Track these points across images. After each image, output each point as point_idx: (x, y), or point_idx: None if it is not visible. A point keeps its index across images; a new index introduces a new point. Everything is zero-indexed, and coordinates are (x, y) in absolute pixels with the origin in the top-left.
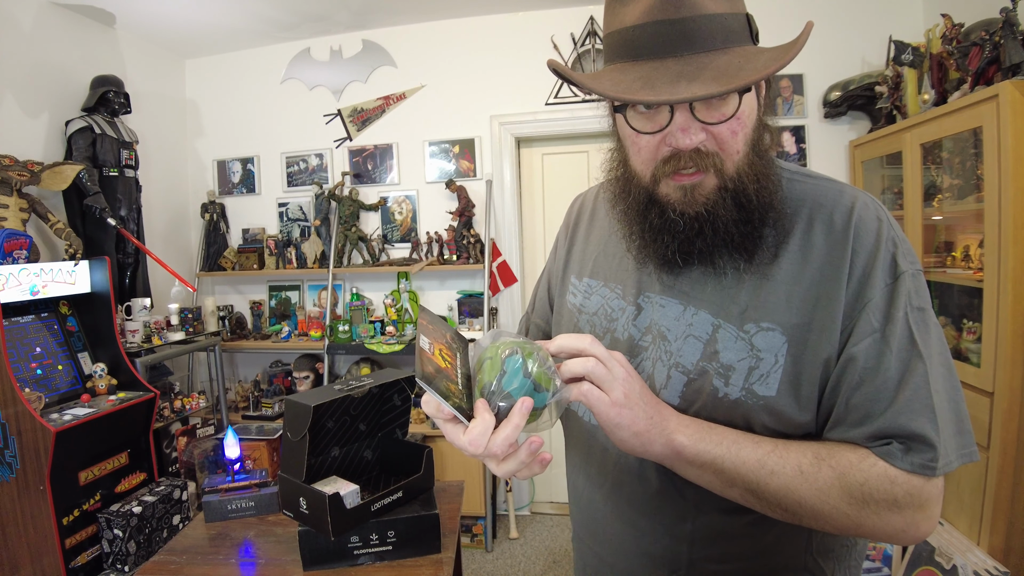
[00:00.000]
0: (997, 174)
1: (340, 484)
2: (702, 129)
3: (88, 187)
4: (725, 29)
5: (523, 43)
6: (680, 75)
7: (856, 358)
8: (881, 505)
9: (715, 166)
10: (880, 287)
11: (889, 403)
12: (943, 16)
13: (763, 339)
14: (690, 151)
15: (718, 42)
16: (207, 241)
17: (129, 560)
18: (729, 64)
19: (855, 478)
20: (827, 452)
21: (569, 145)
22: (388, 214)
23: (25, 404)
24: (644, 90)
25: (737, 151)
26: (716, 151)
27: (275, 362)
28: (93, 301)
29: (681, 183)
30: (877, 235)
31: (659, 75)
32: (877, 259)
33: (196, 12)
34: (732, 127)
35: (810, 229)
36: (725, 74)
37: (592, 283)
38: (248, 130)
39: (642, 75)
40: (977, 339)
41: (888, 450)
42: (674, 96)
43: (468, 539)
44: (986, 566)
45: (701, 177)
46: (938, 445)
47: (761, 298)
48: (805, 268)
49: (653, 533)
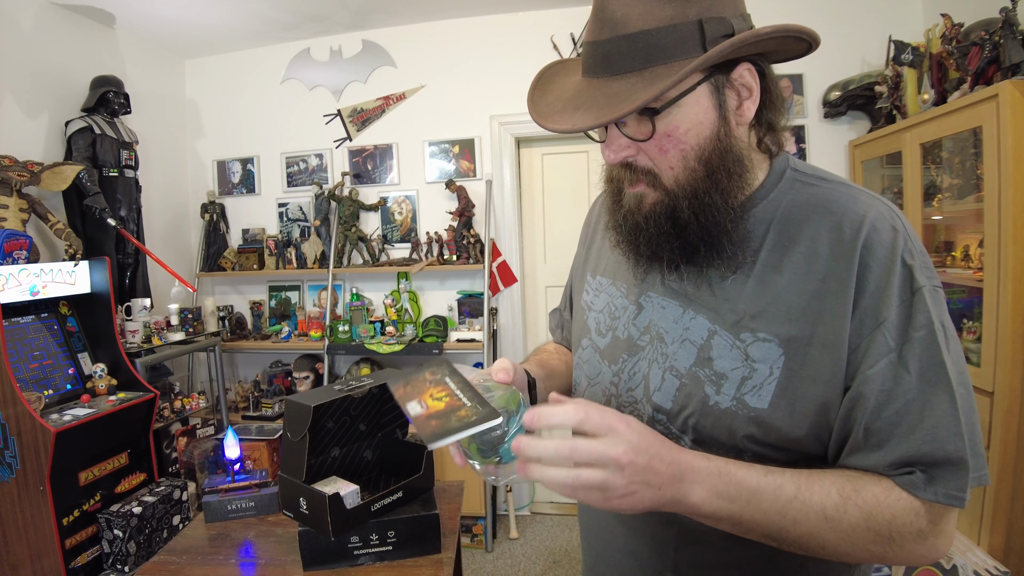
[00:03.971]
0: (997, 174)
1: (340, 484)
2: (629, 145)
3: (88, 187)
4: (647, 47)
5: (523, 43)
6: (583, 102)
7: (872, 380)
8: (907, 539)
9: (648, 181)
10: (895, 304)
11: (912, 429)
12: (943, 16)
13: (759, 349)
14: (619, 164)
15: (636, 62)
16: (207, 241)
17: (129, 560)
18: (627, 91)
19: (882, 516)
20: (852, 489)
21: (569, 145)
22: (388, 214)
23: (25, 404)
24: (555, 114)
25: (670, 167)
26: (648, 166)
27: (275, 362)
28: (93, 301)
29: (632, 191)
30: (892, 248)
31: (577, 98)
32: (892, 274)
33: (196, 12)
34: (660, 144)
35: (817, 238)
36: (611, 103)
37: (602, 281)
38: (248, 130)
39: (571, 95)
40: (977, 339)
41: (912, 480)
42: (553, 125)
43: (468, 539)
44: (986, 566)
45: (642, 188)
46: (969, 472)
47: (760, 307)
48: (808, 279)
49: (641, 534)
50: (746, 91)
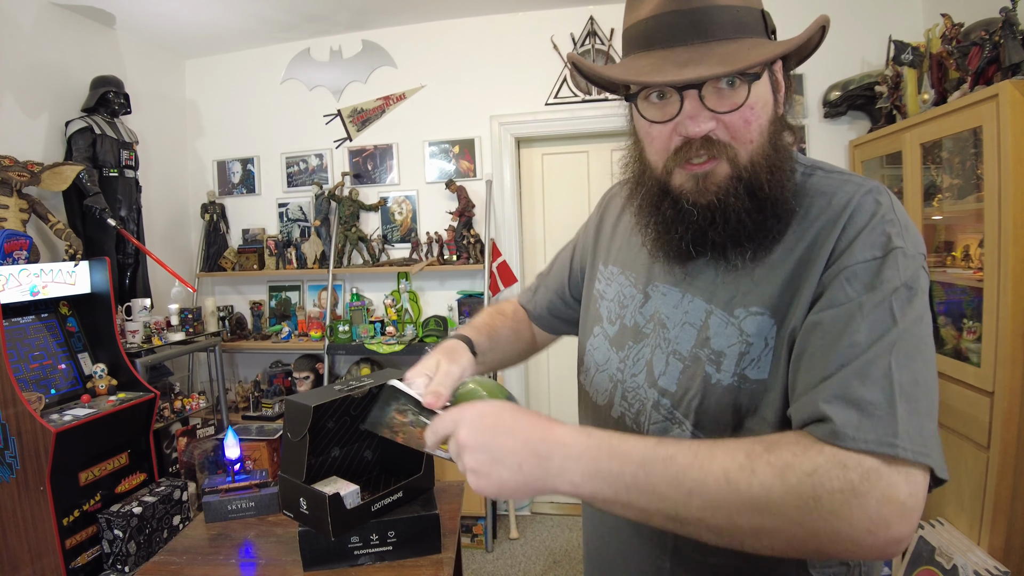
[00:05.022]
0: (997, 174)
1: (340, 484)
2: (712, 118)
3: (88, 187)
4: (736, 20)
5: (523, 43)
6: (688, 60)
7: (822, 323)
8: (836, 499)
9: (727, 155)
10: (865, 257)
11: (842, 366)
12: (943, 16)
13: (752, 323)
14: (700, 139)
15: (729, 32)
16: (207, 241)
17: (129, 561)
18: (737, 50)
19: (801, 468)
20: (763, 448)
21: (569, 145)
22: (388, 214)
23: (25, 404)
24: (652, 72)
25: (751, 140)
26: (728, 140)
27: (275, 362)
28: (93, 301)
29: (693, 172)
30: (873, 214)
31: (668, 61)
32: (865, 231)
33: (196, 12)
34: (744, 116)
35: (806, 215)
36: (731, 58)
37: (614, 270)
38: (248, 130)
39: (652, 62)
40: (977, 339)
41: (832, 429)
42: (679, 76)
43: (468, 539)
44: (986, 566)
45: (713, 165)
46: (898, 422)
47: (753, 282)
48: (795, 249)
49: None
50: (778, 84)
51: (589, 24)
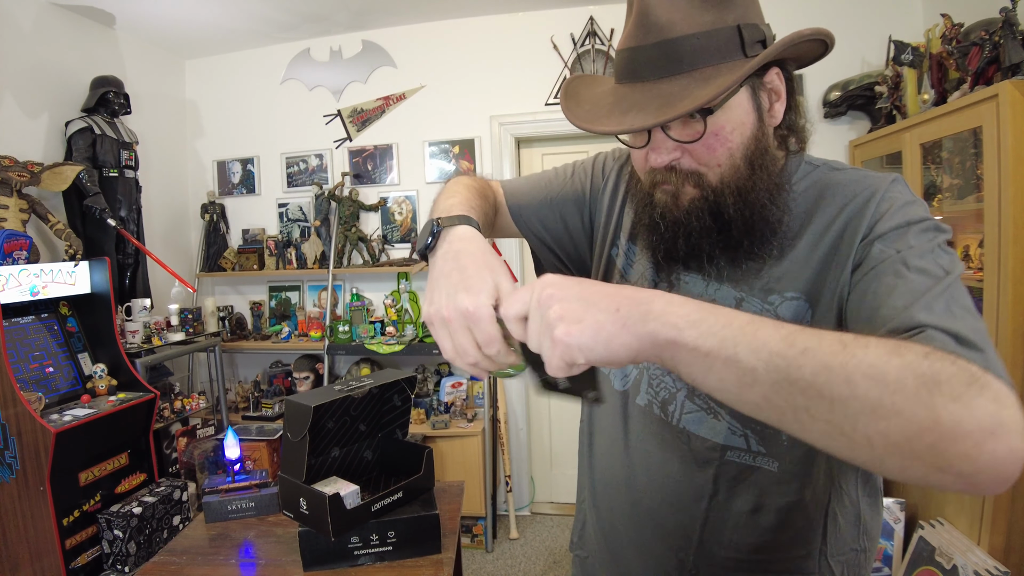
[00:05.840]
0: (997, 174)
1: (340, 484)
2: (676, 148)
3: (88, 188)
4: (694, 51)
5: (523, 43)
6: (634, 103)
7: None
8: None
9: (692, 181)
10: (897, 223)
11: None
12: (943, 16)
13: (788, 308)
14: (664, 168)
15: (684, 65)
16: (207, 242)
17: (129, 561)
18: (681, 91)
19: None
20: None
21: (569, 145)
22: (388, 214)
23: (25, 405)
24: (602, 118)
25: (718, 164)
26: (694, 167)
27: (275, 363)
28: (93, 302)
29: (665, 189)
30: (898, 198)
31: (623, 102)
32: (897, 209)
33: (196, 12)
34: (708, 144)
35: (831, 205)
36: (668, 103)
37: (633, 248)
38: (248, 130)
39: (614, 101)
40: None
41: (931, 335)
42: (610, 127)
43: (468, 539)
44: (986, 566)
45: (681, 186)
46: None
47: (783, 268)
48: (826, 235)
49: (668, 506)
50: (775, 94)
51: (589, 24)
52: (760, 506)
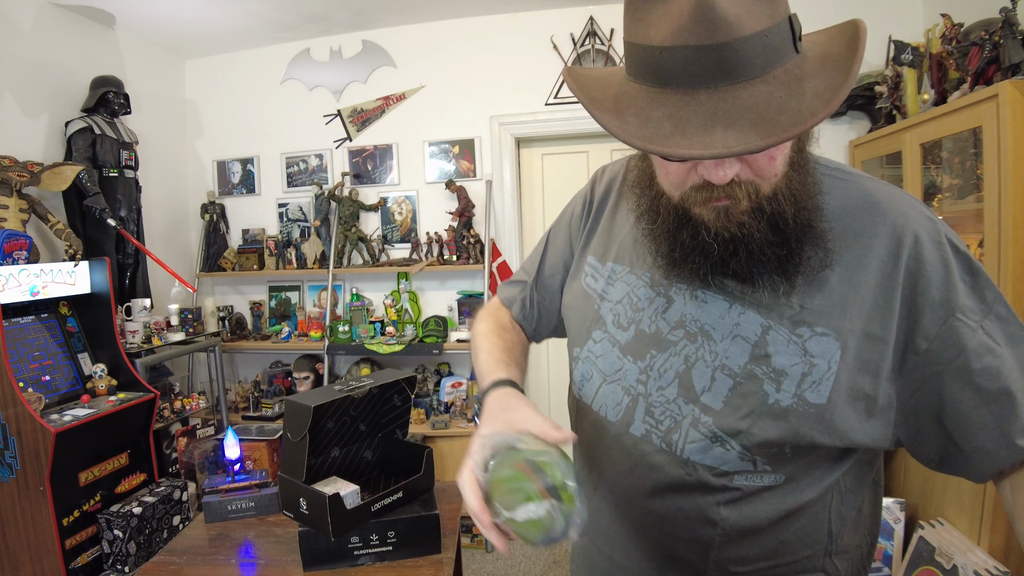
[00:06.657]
0: (997, 174)
1: (340, 484)
2: (739, 160)
3: (88, 188)
4: (766, 50)
5: (523, 43)
6: (714, 118)
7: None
8: None
9: (748, 194)
10: (963, 289)
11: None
12: (943, 16)
13: (817, 344)
14: (726, 183)
15: (757, 68)
16: (207, 242)
17: (129, 561)
18: (770, 102)
19: None
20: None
21: (569, 145)
22: (388, 214)
23: (25, 405)
24: (676, 136)
25: (775, 174)
26: (752, 179)
27: (275, 363)
28: (93, 302)
29: (715, 205)
30: (940, 241)
31: (690, 115)
32: (950, 262)
33: (196, 12)
34: (770, 153)
35: (863, 232)
36: (764, 118)
37: (617, 268)
38: (248, 130)
39: (671, 112)
40: None
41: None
42: (708, 151)
43: (468, 539)
44: (986, 566)
45: (736, 199)
46: None
47: (816, 301)
48: (860, 273)
49: (673, 533)
50: None
51: (589, 24)
52: (769, 518)
